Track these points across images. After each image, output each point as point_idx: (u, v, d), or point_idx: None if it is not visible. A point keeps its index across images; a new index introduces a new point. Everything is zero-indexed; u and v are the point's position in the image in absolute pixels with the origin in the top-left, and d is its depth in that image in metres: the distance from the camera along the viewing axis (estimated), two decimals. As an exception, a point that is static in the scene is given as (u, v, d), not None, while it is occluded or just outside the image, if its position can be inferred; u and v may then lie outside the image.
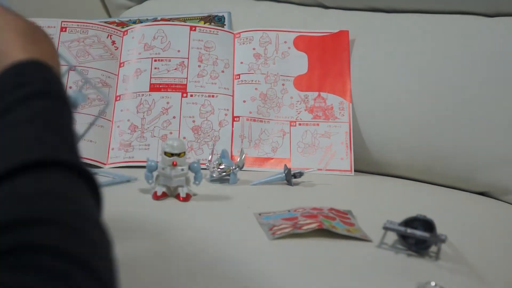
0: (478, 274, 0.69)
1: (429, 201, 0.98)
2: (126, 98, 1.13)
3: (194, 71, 1.15)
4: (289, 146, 1.12)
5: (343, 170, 1.09)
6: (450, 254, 0.72)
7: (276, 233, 0.73)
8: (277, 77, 1.16)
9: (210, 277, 0.63)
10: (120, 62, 1.17)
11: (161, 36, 1.18)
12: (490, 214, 0.95)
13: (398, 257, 0.70)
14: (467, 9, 1.12)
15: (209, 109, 1.13)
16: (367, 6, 1.22)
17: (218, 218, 0.82)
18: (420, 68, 1.10)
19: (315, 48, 1.18)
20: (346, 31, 1.17)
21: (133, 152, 1.08)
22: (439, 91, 1.08)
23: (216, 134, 1.12)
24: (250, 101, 1.14)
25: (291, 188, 0.98)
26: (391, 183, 1.07)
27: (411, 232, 0.69)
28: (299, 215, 0.78)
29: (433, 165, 1.07)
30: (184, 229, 0.76)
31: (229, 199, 0.90)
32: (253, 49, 1.18)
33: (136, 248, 0.69)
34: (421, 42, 1.12)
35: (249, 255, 0.68)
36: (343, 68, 1.15)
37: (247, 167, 1.03)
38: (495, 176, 1.02)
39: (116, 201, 0.85)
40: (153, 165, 0.88)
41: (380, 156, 1.11)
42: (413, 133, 1.08)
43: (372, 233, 0.74)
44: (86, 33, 1.18)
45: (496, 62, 1.05)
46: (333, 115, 1.12)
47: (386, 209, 0.86)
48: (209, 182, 0.98)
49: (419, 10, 1.16)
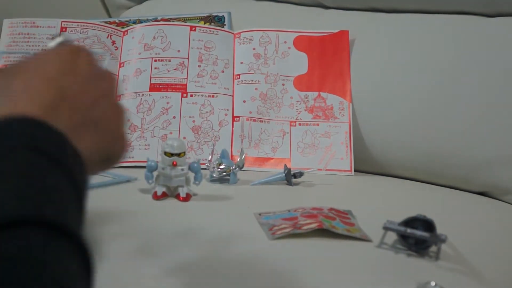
0: (478, 274, 0.69)
1: (429, 201, 0.98)
2: (126, 98, 1.13)
3: (194, 71, 1.16)
4: (289, 146, 1.12)
5: (343, 170, 1.09)
6: (450, 254, 0.72)
7: (276, 233, 0.73)
8: (277, 77, 1.16)
9: (210, 277, 0.63)
10: (120, 62, 1.17)
11: (161, 36, 1.18)
12: (490, 214, 0.95)
13: (398, 257, 0.70)
14: (467, 9, 1.12)
15: (209, 109, 1.13)
16: (367, 6, 1.22)
17: (218, 218, 0.82)
18: (420, 68, 1.10)
19: (315, 48, 1.18)
20: (346, 31, 1.17)
21: (133, 152, 1.08)
22: (439, 91, 1.08)
23: (216, 134, 1.12)
24: (250, 101, 1.14)
25: (291, 188, 0.98)
26: (391, 183, 1.07)
27: (411, 232, 0.69)
28: (299, 215, 0.78)
29: (433, 165, 1.07)
30: (184, 229, 0.76)
31: (229, 199, 0.90)
32: (253, 49, 1.18)
33: (136, 248, 0.69)
34: (421, 42, 1.12)
35: (249, 255, 0.68)
36: (343, 68, 1.15)
37: (247, 167, 1.03)
38: (495, 176, 1.02)
39: (116, 201, 0.85)
40: (153, 165, 0.88)
41: (380, 156, 1.11)
42: (413, 133, 1.08)
43: (372, 233, 0.74)
44: (86, 33, 1.18)
45: (496, 62, 1.05)
46: (333, 115, 1.12)
47: (386, 209, 0.86)
48: (209, 182, 0.98)
49: (419, 10, 1.16)
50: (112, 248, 0.68)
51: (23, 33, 1.15)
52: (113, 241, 0.70)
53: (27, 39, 1.15)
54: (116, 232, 0.73)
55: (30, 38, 1.15)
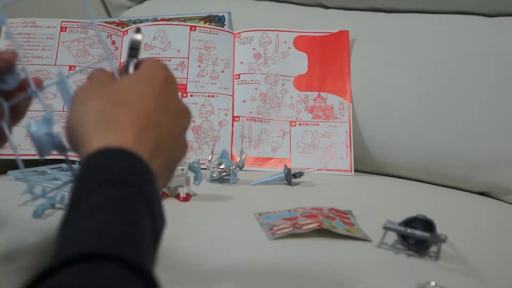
0: (478, 274, 0.69)
1: (429, 201, 0.98)
2: (126, 98, 1.13)
3: (194, 71, 1.16)
4: (289, 146, 1.12)
5: (343, 170, 1.09)
6: (450, 254, 0.72)
7: (276, 233, 0.73)
8: (277, 77, 1.16)
9: (210, 277, 0.63)
10: (120, 62, 1.17)
11: (161, 36, 1.18)
12: (490, 214, 0.95)
13: (398, 257, 0.70)
14: (467, 9, 1.12)
15: (209, 109, 1.13)
16: (367, 6, 1.22)
17: (218, 218, 0.82)
18: (420, 68, 1.10)
19: (315, 48, 1.18)
20: (346, 31, 1.17)
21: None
22: (439, 91, 1.08)
23: (216, 134, 1.12)
24: (250, 101, 1.14)
25: (291, 188, 0.98)
26: (391, 183, 1.07)
27: (411, 232, 0.69)
28: (299, 215, 0.78)
29: (433, 165, 1.07)
30: (184, 229, 0.76)
31: (229, 199, 0.90)
32: (253, 49, 1.18)
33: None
34: (421, 42, 1.12)
35: (249, 255, 0.68)
36: (343, 68, 1.15)
37: (247, 167, 1.03)
38: (495, 176, 1.02)
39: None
40: (153, 165, 0.88)
41: (380, 156, 1.11)
42: (413, 133, 1.08)
43: (372, 233, 0.74)
44: (86, 33, 1.18)
45: (496, 62, 1.05)
46: (333, 115, 1.12)
47: (386, 209, 0.86)
48: (209, 182, 0.98)
49: (419, 10, 1.16)
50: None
51: (23, 33, 1.15)
52: None
53: (27, 39, 1.15)
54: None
55: (30, 38, 1.15)
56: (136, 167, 0.42)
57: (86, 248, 0.35)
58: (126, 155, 0.42)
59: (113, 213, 0.38)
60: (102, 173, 0.40)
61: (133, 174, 0.41)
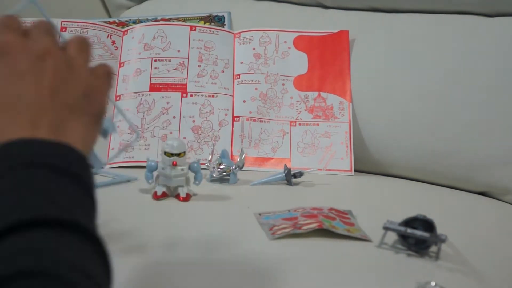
0: (478, 274, 0.69)
1: (429, 201, 0.98)
2: (126, 98, 1.13)
3: (194, 71, 1.16)
4: (289, 146, 1.12)
5: (343, 170, 1.09)
6: (450, 254, 0.72)
7: (276, 233, 0.73)
8: (277, 77, 1.16)
9: (210, 277, 0.63)
10: (120, 62, 1.17)
11: (161, 36, 1.18)
12: (490, 214, 0.95)
13: (398, 257, 0.70)
14: (467, 9, 1.12)
15: (209, 109, 1.13)
16: (367, 6, 1.22)
17: (218, 218, 0.82)
18: (420, 68, 1.10)
19: (315, 48, 1.18)
20: (346, 31, 1.17)
21: (133, 152, 1.08)
22: (439, 91, 1.08)
23: (216, 134, 1.12)
24: (250, 101, 1.14)
25: (291, 188, 0.98)
26: (391, 183, 1.07)
27: (411, 232, 0.69)
28: (299, 215, 0.78)
29: (433, 165, 1.07)
30: (184, 229, 0.76)
31: (229, 199, 0.90)
32: (253, 49, 1.18)
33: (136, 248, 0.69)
34: (421, 42, 1.12)
35: (249, 255, 0.68)
36: (343, 68, 1.15)
37: (247, 167, 1.03)
38: (495, 176, 1.02)
39: (116, 201, 0.85)
40: (153, 165, 0.88)
41: (380, 156, 1.11)
42: (413, 133, 1.08)
43: (372, 233, 0.75)
44: (86, 33, 1.18)
45: (496, 62, 1.05)
46: (333, 115, 1.12)
47: (386, 209, 0.86)
48: (209, 182, 0.98)
49: (419, 10, 1.16)
50: (111, 248, 0.68)
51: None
52: (112, 241, 0.70)
53: (27, 39, 1.15)
54: (115, 232, 0.73)
55: (30, 38, 1.15)
56: (39, 148, 0.41)
57: (6, 221, 0.35)
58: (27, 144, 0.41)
59: (29, 187, 0.38)
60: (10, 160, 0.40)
61: (39, 156, 0.41)
